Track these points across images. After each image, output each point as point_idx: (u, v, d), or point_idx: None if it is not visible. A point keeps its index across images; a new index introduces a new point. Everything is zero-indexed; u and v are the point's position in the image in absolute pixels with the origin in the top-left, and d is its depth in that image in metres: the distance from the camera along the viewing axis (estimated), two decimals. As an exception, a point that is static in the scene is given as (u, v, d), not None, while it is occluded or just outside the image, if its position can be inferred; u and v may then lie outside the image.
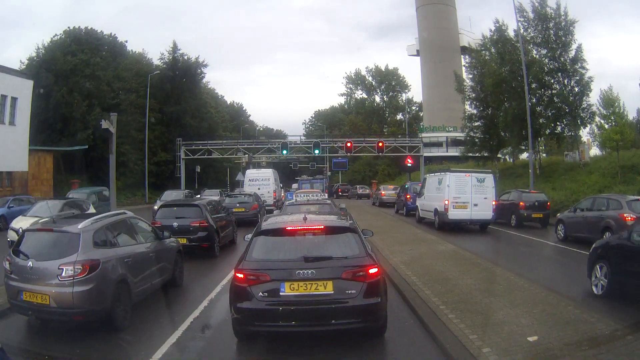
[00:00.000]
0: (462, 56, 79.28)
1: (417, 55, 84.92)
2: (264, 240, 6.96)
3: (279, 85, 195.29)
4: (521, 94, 36.49)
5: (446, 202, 19.39)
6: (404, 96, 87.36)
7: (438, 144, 69.55)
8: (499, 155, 43.09)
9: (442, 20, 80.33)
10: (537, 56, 36.36)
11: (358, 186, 59.90)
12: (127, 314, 7.88)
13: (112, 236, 8.33)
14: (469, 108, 41.34)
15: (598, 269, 9.42)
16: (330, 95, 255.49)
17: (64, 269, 7.14)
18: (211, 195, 31.27)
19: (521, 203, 22.41)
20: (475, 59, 40.99)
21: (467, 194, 19.57)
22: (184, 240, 13.30)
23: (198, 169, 52.46)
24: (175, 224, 13.69)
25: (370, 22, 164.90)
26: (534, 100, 35.95)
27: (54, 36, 56.59)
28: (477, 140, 41.14)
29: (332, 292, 6.32)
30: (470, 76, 41.27)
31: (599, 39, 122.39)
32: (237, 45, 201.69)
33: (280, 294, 6.31)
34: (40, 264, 7.31)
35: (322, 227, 7.05)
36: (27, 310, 7.44)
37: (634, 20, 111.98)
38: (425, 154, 54.24)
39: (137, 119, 51.33)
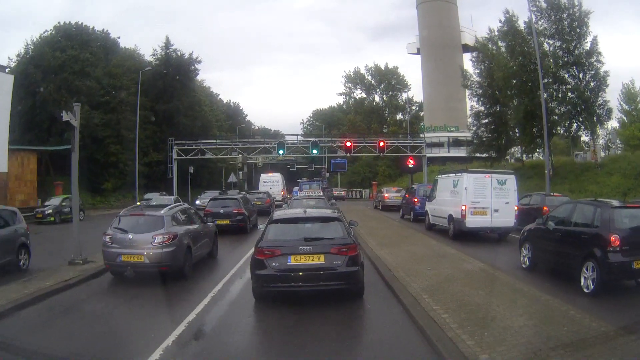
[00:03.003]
0: (467, 51, 76.58)
1: (418, 53, 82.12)
2: (276, 227, 9.18)
3: (278, 87, 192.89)
4: (533, 88, 33.78)
5: (463, 208, 16.52)
6: (404, 95, 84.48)
7: (439, 145, 66.73)
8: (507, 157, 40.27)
9: (443, 18, 77.56)
10: (551, 49, 33.57)
11: (333, 189, 60.35)
12: (190, 269, 11.55)
13: (180, 218, 12.09)
14: (476, 105, 38.53)
15: (524, 248, 11.92)
16: (329, 96, 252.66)
17: (156, 238, 10.68)
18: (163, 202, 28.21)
19: (544, 208, 19.60)
20: (481, 52, 38.13)
21: (487, 198, 16.74)
22: (227, 221, 19.33)
23: (191, 169, 49.46)
24: (222, 210, 19.57)
25: (369, 23, 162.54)
26: (545, 96, 33.28)
27: (43, 32, 53.91)
28: (484, 139, 38.34)
29: (324, 262, 8.35)
30: (477, 71, 38.45)
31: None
32: (236, 46, 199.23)
33: (288, 264, 8.37)
34: (137, 235, 10.84)
35: (317, 217, 9.45)
36: (124, 268, 10.76)
37: (632, 20, 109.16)
38: (427, 155, 51.33)
39: (128, 117, 48.52)
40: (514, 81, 33.55)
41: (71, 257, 13.59)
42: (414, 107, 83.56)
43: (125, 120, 48.68)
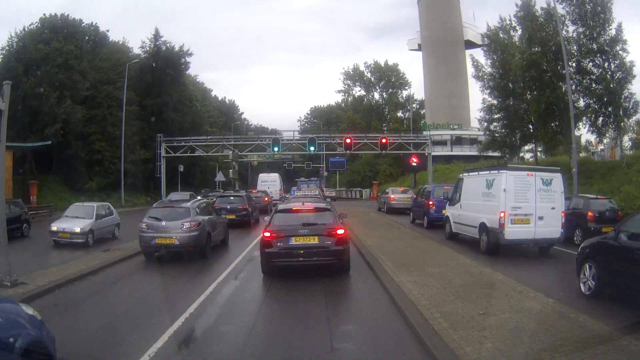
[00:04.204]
0: (470, 47, 72.88)
1: (419, 49, 78.34)
2: (280, 215, 11.26)
3: (276, 86, 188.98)
4: (553, 79, 30.01)
5: (502, 215, 12.62)
6: (404, 93, 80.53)
7: (442, 143, 62.85)
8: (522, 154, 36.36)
9: (445, 13, 73.76)
10: (574, 35, 29.71)
11: (325, 190, 55.85)
12: (210, 250, 14.09)
13: (202, 210, 14.62)
14: (488, 98, 34.53)
15: (587, 268, 9.00)
16: (328, 96, 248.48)
17: (185, 224, 13.18)
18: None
19: (589, 213, 15.87)
20: (494, 42, 34.16)
21: (530, 202, 12.86)
22: (233, 216, 20.80)
23: (181, 168, 45.38)
24: (228, 206, 21.20)
25: (368, 23, 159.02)
26: (565, 87, 29.57)
27: (30, 25, 49.98)
28: (497, 135, 34.41)
29: (317, 242, 10.31)
30: (489, 62, 34.47)
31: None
32: (234, 46, 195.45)
33: (290, 243, 10.33)
34: (169, 222, 13.31)
35: (312, 207, 11.47)
36: (158, 248, 13.25)
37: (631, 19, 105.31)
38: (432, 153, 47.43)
39: (114, 112, 44.60)
40: (533, 71, 29.62)
41: (-1, 278, 10.51)
42: (414, 105, 79.62)
43: (112, 115, 44.86)
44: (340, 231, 10.42)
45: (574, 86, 29.44)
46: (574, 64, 29.26)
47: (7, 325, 4.04)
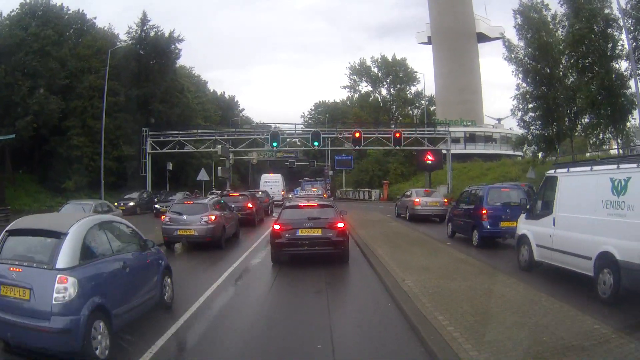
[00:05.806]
0: (482, 41, 67.54)
1: (428, 43, 72.92)
2: (288, 211, 12.55)
3: (279, 86, 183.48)
4: (602, 60, 24.61)
5: (653, 241, 7.06)
6: (413, 89, 74.84)
7: (455, 140, 57.38)
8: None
9: (456, 4, 68.25)
10: (628, 7, 24.26)
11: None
12: (224, 242, 15.24)
13: (217, 206, 15.96)
14: (523, 83, 28.94)
15: None
16: (332, 95, 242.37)
17: (203, 218, 14.56)
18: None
19: None
20: (526, 18, 28.55)
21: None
22: (238, 214, 20.30)
23: (170, 166, 39.87)
24: (233, 205, 20.62)
25: (371, 23, 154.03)
26: (627, 66, 24.10)
27: (10, 12, 44.86)
28: (532, 127, 28.91)
29: (321, 234, 11.50)
30: (523, 42, 28.85)
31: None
32: (238, 45, 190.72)
33: (296, 235, 11.54)
34: (189, 216, 14.73)
35: (317, 204, 12.84)
36: (179, 239, 14.50)
37: None
38: (450, 150, 41.87)
39: (96, 104, 39.24)
40: (583, 47, 24.13)
41: None
42: (422, 102, 73.87)
43: (93, 107, 39.66)
44: (341, 225, 11.63)
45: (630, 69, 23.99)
46: (631, 42, 23.81)
47: (159, 253, 7.95)
